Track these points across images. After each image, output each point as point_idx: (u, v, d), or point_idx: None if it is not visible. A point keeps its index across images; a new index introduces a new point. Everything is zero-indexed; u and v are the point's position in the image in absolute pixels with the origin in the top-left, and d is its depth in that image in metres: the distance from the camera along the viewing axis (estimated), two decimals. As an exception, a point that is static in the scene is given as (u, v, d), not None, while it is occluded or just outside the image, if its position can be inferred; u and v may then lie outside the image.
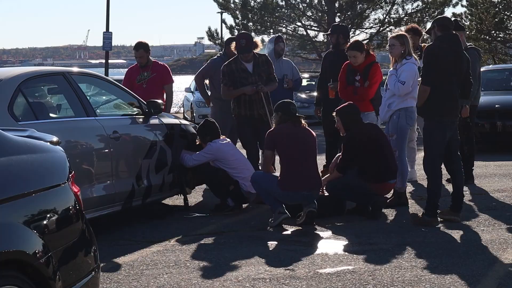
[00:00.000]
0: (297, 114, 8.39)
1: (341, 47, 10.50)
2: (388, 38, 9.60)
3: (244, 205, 9.31)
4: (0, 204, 3.53)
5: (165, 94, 11.00)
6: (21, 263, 3.59)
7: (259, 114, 9.69)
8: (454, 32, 8.29)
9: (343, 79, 9.76)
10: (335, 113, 8.83)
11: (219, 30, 37.19)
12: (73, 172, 4.33)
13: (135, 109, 8.93)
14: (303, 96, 23.57)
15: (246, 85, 9.66)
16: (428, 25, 8.52)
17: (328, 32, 10.94)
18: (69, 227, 4.08)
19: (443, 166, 8.34)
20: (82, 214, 4.25)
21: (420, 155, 11.80)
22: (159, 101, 9.20)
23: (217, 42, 34.83)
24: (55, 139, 4.40)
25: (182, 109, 29.04)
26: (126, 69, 11.59)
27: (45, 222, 3.83)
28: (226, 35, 35.18)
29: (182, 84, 37.81)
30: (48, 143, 4.26)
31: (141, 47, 10.91)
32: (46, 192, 3.93)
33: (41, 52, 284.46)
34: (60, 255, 3.87)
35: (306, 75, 27.02)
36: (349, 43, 9.85)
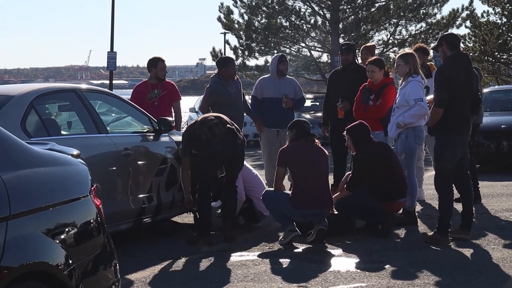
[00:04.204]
0: (310, 132, 8.41)
1: (352, 66, 10.55)
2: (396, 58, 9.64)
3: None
4: (24, 216, 3.55)
5: (173, 112, 10.99)
6: (45, 274, 3.60)
7: None
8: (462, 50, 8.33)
9: (359, 99, 9.80)
10: (345, 131, 8.84)
11: (222, 51, 37.16)
12: (94, 185, 4.34)
13: (145, 126, 8.96)
14: (307, 116, 23.50)
15: None
16: (432, 45, 8.53)
17: (343, 48, 10.83)
18: (91, 240, 4.09)
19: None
20: (104, 227, 4.27)
21: (427, 175, 11.85)
22: (170, 118, 9.22)
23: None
24: (75, 152, 4.42)
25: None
26: (129, 90, 11.59)
27: (68, 234, 3.84)
28: (230, 56, 35.23)
29: (184, 105, 37.78)
30: (70, 156, 4.28)
31: (163, 60, 11.01)
32: (69, 204, 3.94)
33: (42, 72, 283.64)
34: (83, 267, 3.88)
35: (310, 95, 27.03)
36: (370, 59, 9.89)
